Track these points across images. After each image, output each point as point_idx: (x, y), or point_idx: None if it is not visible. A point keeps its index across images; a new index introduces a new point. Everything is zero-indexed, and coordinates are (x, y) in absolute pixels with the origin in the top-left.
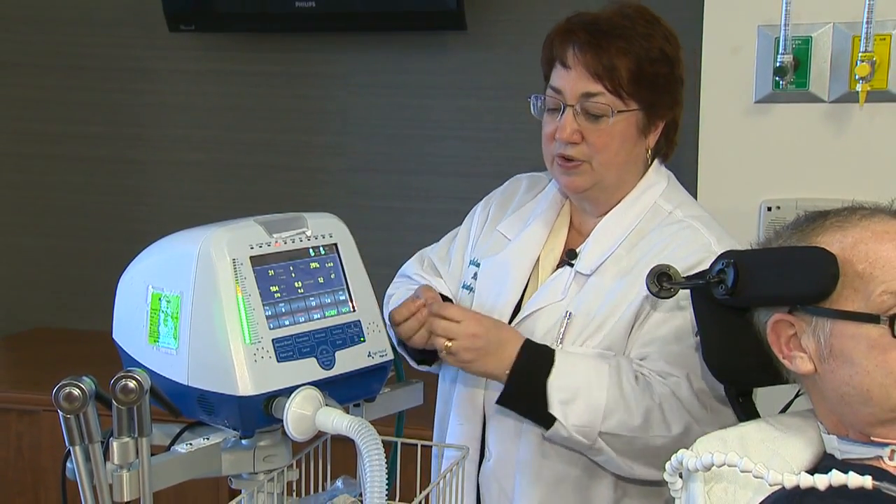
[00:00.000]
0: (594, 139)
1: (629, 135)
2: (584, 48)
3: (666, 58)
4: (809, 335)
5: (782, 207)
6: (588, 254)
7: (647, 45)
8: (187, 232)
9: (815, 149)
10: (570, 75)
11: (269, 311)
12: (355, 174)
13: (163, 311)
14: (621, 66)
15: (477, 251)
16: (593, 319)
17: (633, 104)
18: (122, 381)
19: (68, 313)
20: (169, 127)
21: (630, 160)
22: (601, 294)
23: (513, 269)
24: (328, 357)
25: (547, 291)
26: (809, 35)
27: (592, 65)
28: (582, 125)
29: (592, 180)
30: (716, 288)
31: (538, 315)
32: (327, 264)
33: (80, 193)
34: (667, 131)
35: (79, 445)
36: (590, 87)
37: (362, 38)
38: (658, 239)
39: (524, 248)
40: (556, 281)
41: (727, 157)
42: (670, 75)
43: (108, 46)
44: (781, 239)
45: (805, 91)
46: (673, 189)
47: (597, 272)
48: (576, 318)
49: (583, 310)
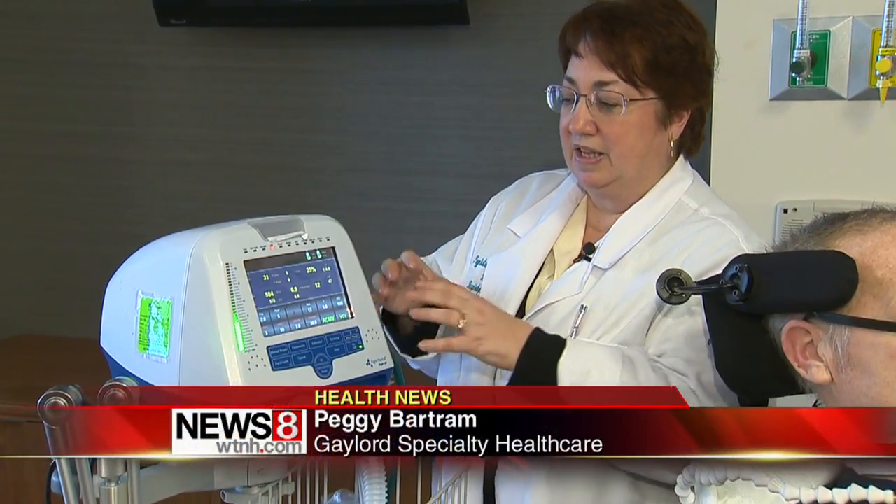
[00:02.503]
0: (609, 130)
1: (647, 125)
2: (597, 35)
3: (686, 46)
4: (826, 343)
5: (799, 209)
6: (607, 248)
7: (665, 32)
8: (179, 235)
9: (834, 148)
10: (582, 64)
11: (264, 318)
12: (354, 175)
13: (153, 317)
14: (635, 53)
15: (485, 250)
16: (611, 314)
17: (650, 93)
18: (111, 390)
19: (54, 319)
20: (160, 125)
21: (650, 152)
22: (620, 289)
23: (521, 263)
24: (325, 365)
25: (563, 285)
26: (827, 29)
27: (605, 52)
28: (596, 116)
29: (612, 175)
30: (729, 293)
31: (552, 308)
32: (324, 269)
33: (67, 194)
34: (692, 124)
35: (65, 458)
36: (602, 76)
37: (361, 33)
38: (683, 236)
39: (535, 242)
40: (573, 275)
41: (741, 157)
42: (691, 64)
43: (95, 42)
44: (798, 242)
45: (823, 88)
46: (699, 186)
47: (616, 266)
48: (592, 312)
49: (600, 304)
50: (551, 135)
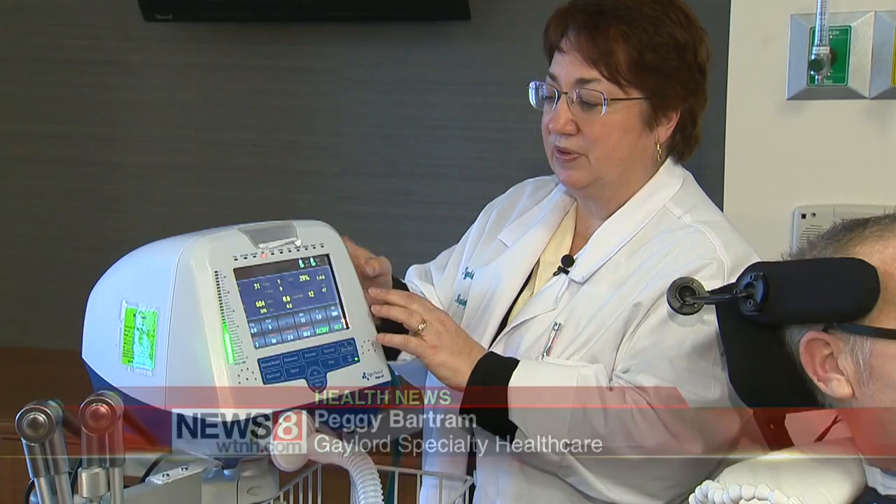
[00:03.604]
0: (589, 130)
1: (631, 126)
2: (580, 31)
3: (675, 44)
4: (847, 356)
5: (818, 215)
6: (584, 260)
7: (652, 29)
8: (165, 241)
9: (854, 150)
10: (564, 60)
11: (255, 329)
12: (349, 178)
13: (138, 328)
14: (619, 50)
15: (474, 262)
16: (582, 331)
17: (635, 92)
18: (93, 405)
19: (32, 331)
20: (144, 126)
21: (634, 155)
22: (594, 303)
23: (505, 277)
24: (319, 378)
25: (539, 301)
26: (848, 24)
27: (587, 49)
28: (577, 115)
29: (591, 175)
30: (743, 303)
31: (527, 326)
32: (318, 277)
33: (46, 199)
34: (682, 125)
35: (44, 477)
36: (584, 73)
37: (357, 29)
38: (660, 245)
39: (519, 254)
40: (550, 290)
41: (757, 160)
42: (681, 63)
43: (76, 38)
44: (816, 249)
45: (843, 87)
46: (687, 191)
47: (591, 280)
48: (565, 330)
49: (572, 320)
50: None
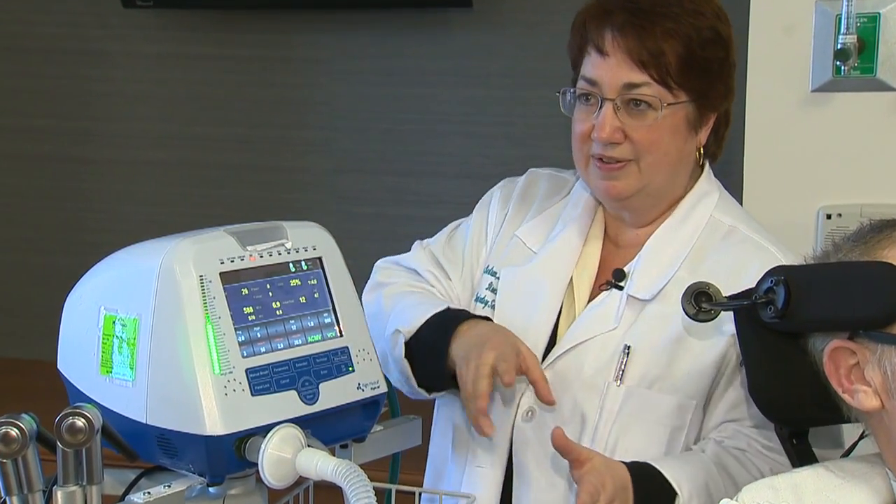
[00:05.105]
0: (640, 136)
1: (679, 131)
2: (626, 31)
3: (720, 39)
4: (874, 365)
5: (843, 215)
6: (641, 275)
7: (697, 24)
8: (146, 244)
9: (883, 146)
10: (608, 63)
11: (243, 337)
12: (343, 176)
13: (117, 336)
14: (669, 50)
15: (493, 258)
16: (660, 357)
17: (683, 95)
18: (69, 419)
19: (4, 340)
20: (123, 120)
21: (681, 160)
22: (667, 326)
23: (543, 288)
24: (311, 390)
25: (593, 319)
26: (877, 11)
27: (636, 50)
28: (624, 121)
29: (638, 184)
30: (763, 309)
31: (586, 347)
32: (310, 282)
33: (18, 197)
34: (717, 127)
35: (17, 496)
36: (633, 77)
37: (351, 17)
38: (728, 259)
39: (555, 262)
40: (605, 306)
41: (778, 156)
42: (725, 60)
43: (51, 25)
44: (841, 252)
45: (871, 78)
46: (726, 199)
47: (657, 299)
48: (636, 354)
49: (645, 344)
50: (564, 131)
